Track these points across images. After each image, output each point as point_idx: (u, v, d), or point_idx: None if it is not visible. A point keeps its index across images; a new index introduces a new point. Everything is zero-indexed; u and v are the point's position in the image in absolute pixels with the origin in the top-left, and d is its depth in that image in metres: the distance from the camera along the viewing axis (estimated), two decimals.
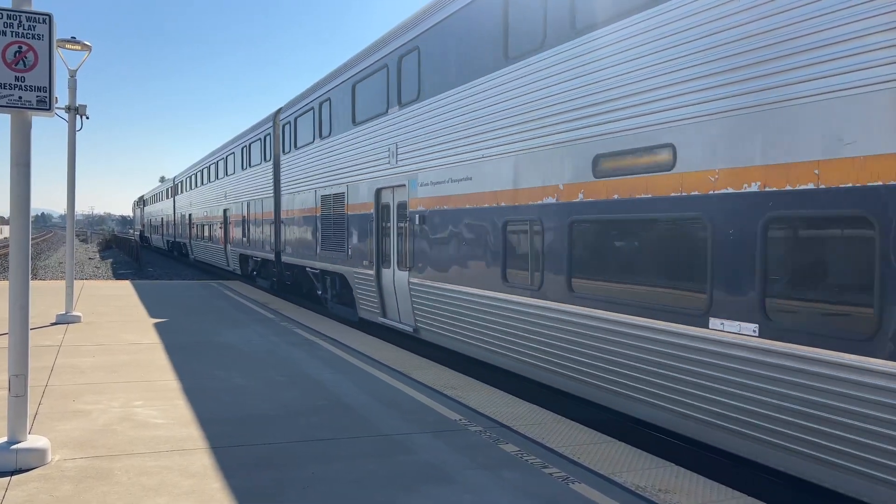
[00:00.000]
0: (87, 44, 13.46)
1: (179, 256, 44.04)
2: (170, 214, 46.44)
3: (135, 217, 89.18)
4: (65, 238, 16.07)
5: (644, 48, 6.41)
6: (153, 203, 59.72)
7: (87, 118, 13.39)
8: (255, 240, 22.27)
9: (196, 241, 35.32)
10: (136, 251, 43.58)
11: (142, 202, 72.38)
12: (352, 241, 13.85)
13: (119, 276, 32.06)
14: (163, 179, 58.57)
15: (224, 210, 27.51)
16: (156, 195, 57.66)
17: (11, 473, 5.09)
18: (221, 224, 28.10)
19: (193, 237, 36.08)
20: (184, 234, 39.78)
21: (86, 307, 14.82)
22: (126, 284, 21.64)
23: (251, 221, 22.85)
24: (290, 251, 18.41)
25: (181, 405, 7.18)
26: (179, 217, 41.47)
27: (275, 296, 19.08)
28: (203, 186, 32.74)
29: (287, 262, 19.03)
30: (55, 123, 40.65)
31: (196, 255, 36.35)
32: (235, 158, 25.44)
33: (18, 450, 5.22)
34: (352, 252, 13.85)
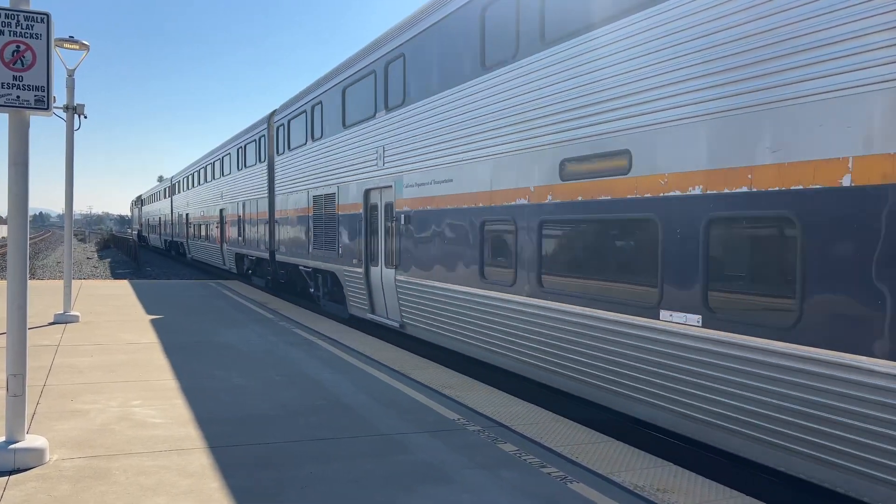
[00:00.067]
0: (86, 43, 13.45)
1: (177, 256, 44.14)
2: (167, 214, 46.61)
3: (133, 217, 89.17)
4: (63, 237, 16.06)
5: (603, 61, 6.88)
6: (151, 203, 59.74)
7: (86, 117, 13.37)
8: (251, 239, 22.62)
9: (193, 241, 35.59)
10: (135, 251, 43.53)
11: (140, 202, 72.38)
12: (342, 240, 14.25)
13: (117, 276, 32.03)
14: (161, 179, 58.57)
15: (220, 210, 27.76)
16: (154, 195, 57.70)
17: (9, 473, 5.09)
18: (218, 224, 28.35)
19: (191, 237, 36.33)
20: (181, 234, 40.00)
21: (84, 307, 14.81)
22: (124, 284, 21.62)
23: (247, 221, 23.17)
24: (284, 250, 18.78)
25: (179, 405, 7.17)
26: (177, 217, 41.71)
27: (273, 295, 19.09)
28: (200, 186, 32.98)
29: (281, 261, 19.41)
30: (53, 123, 40.60)
31: (193, 255, 36.59)
32: (231, 159, 25.70)
33: (16, 449, 5.21)
34: (342, 251, 14.24)
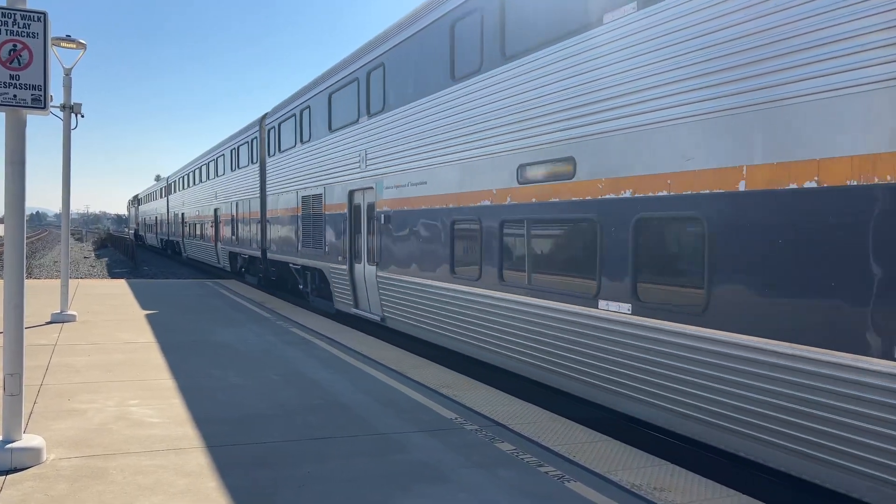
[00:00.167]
0: (83, 42, 13.41)
1: (173, 255, 44.23)
2: (163, 213, 46.88)
3: (130, 216, 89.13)
4: (60, 237, 16.04)
5: (552, 76, 7.64)
6: (147, 202, 59.84)
7: (83, 116, 13.34)
8: (243, 238, 23.22)
9: (189, 240, 35.99)
10: (132, 250, 43.49)
11: (136, 201, 72.38)
12: (328, 239, 14.88)
13: (114, 275, 31.98)
14: (158, 178, 58.54)
15: (215, 209, 28.18)
16: (150, 194, 57.81)
17: (6, 473, 5.08)
18: (212, 223, 28.80)
19: (186, 236, 36.75)
20: (177, 233, 40.36)
21: (81, 306, 14.78)
22: (121, 283, 21.59)
23: (239, 220, 23.75)
24: (275, 248, 19.41)
25: (177, 404, 7.17)
26: (173, 216, 42.10)
27: (270, 294, 19.10)
28: (195, 186, 33.39)
29: (272, 259, 20.01)
30: (50, 122, 40.55)
31: (189, 253, 36.93)
32: (225, 160, 26.19)
33: (13, 449, 5.20)
34: (328, 249, 14.87)
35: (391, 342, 11.50)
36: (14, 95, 5.33)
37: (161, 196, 48.22)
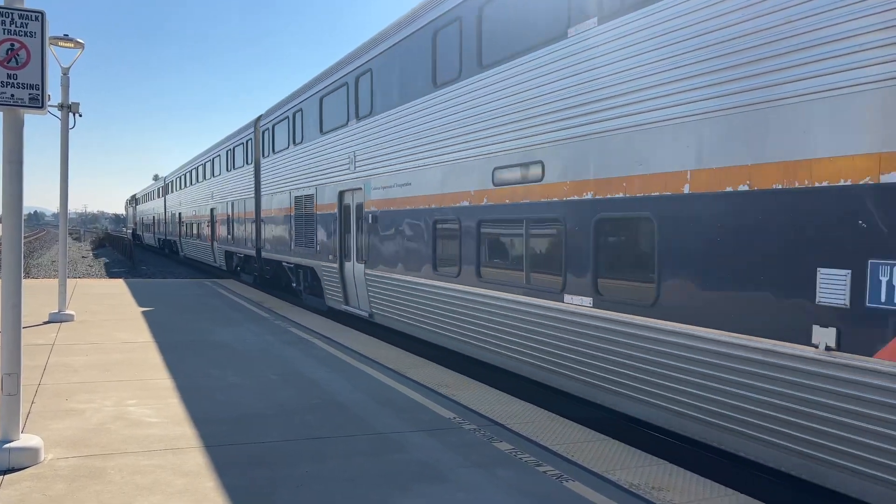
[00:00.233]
0: (80, 41, 13.40)
1: (170, 254, 44.31)
2: (161, 213, 47.12)
3: (128, 215, 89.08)
4: (58, 236, 16.02)
5: (523, 84, 8.08)
6: (145, 202, 59.90)
7: (81, 116, 13.34)
8: (239, 237, 23.64)
9: (186, 239, 36.33)
10: (130, 249, 43.46)
11: (134, 201, 72.35)
12: (319, 238, 15.35)
13: (112, 275, 31.94)
14: (156, 177, 58.55)
15: (211, 209, 28.50)
16: (148, 194, 57.87)
17: (4, 472, 5.07)
18: (209, 222, 29.17)
19: (183, 235, 37.09)
20: (174, 232, 40.64)
21: (79, 306, 14.77)
22: (119, 283, 21.57)
23: (235, 220, 24.17)
24: (269, 247, 19.86)
25: (175, 404, 7.16)
26: (170, 216, 42.40)
27: (268, 294, 19.10)
28: (192, 186, 33.73)
29: (266, 258, 20.41)
30: (48, 121, 40.48)
31: (186, 253, 37.20)
32: (221, 161, 26.56)
33: (11, 449, 5.20)
34: (320, 247, 15.34)
35: (389, 342, 11.50)
36: (11, 95, 5.32)
37: (158, 196, 48.33)
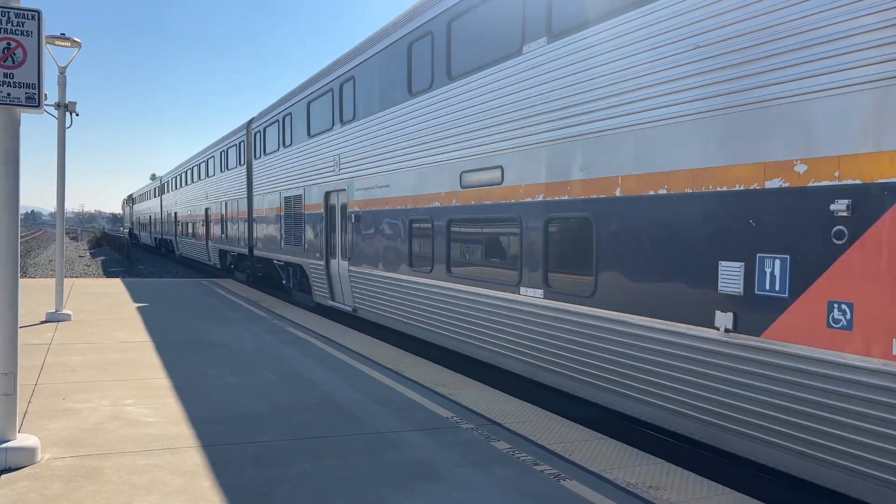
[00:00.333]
0: (77, 40, 13.37)
1: (166, 253, 44.37)
2: (157, 213, 47.45)
3: (124, 215, 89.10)
4: (55, 236, 16.00)
5: (485, 95, 8.81)
6: (142, 201, 60.07)
7: (77, 115, 13.32)
8: (232, 236, 24.27)
9: (181, 238, 36.77)
10: (127, 249, 43.42)
11: (131, 200, 72.37)
12: (307, 237, 16.01)
13: (109, 274, 31.88)
14: (154, 177, 58.52)
15: (206, 209, 28.99)
16: (144, 194, 58.04)
17: (1, 472, 5.06)
18: (203, 222, 29.70)
19: (179, 234, 37.55)
20: (170, 232, 41.06)
21: (76, 305, 14.74)
22: (116, 282, 21.54)
23: (229, 219, 24.83)
24: (261, 246, 20.52)
25: (172, 403, 7.16)
26: (166, 215, 42.83)
27: (266, 293, 19.10)
28: (187, 186, 34.18)
29: (259, 256, 21.01)
30: (45, 120, 40.41)
31: (181, 251, 37.57)
32: (215, 161, 27.13)
33: (8, 448, 5.19)
34: (307, 246, 16.00)
35: (388, 342, 11.50)
36: (8, 94, 5.31)
37: (155, 196, 48.52)
